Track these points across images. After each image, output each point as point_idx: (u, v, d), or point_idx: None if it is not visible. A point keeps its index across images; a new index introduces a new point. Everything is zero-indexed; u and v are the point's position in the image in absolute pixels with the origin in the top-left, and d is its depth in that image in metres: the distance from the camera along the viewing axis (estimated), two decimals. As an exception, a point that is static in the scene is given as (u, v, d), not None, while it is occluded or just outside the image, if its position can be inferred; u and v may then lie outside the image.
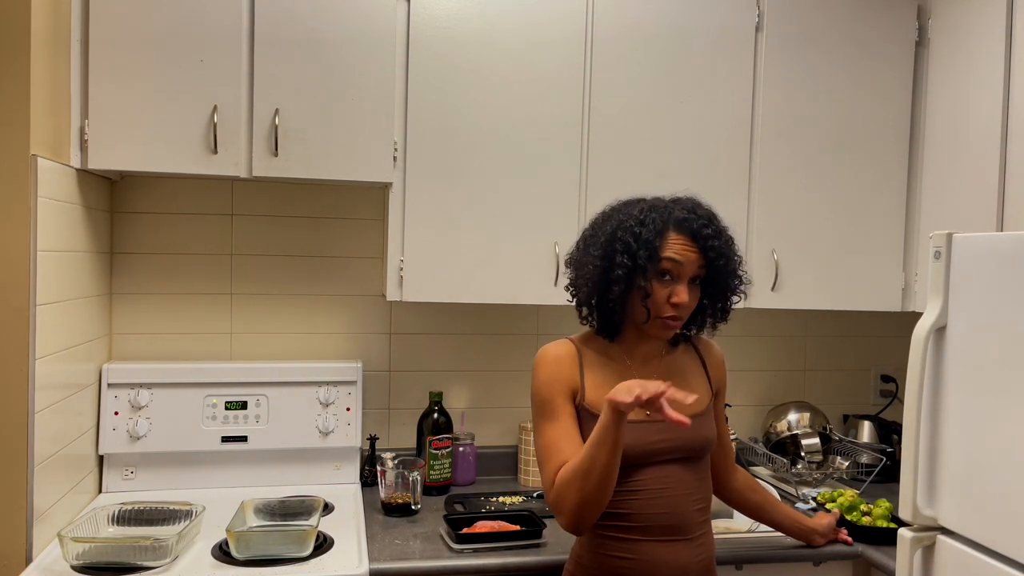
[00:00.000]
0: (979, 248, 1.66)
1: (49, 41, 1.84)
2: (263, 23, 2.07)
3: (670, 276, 1.56)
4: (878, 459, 2.51)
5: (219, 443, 2.30)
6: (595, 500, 1.48)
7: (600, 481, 1.46)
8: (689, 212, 1.58)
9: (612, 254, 1.56)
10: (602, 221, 1.63)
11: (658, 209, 1.58)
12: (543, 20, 2.23)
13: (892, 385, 2.88)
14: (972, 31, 2.23)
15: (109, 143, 2.01)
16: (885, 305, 2.48)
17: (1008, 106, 2.09)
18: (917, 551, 1.74)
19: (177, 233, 2.43)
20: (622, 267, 1.54)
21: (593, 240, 1.61)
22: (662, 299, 1.55)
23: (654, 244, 1.53)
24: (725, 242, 1.60)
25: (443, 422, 2.45)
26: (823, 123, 2.42)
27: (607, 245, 1.57)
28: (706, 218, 1.59)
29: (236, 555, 1.81)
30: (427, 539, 2.02)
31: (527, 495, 2.38)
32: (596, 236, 1.61)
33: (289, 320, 2.51)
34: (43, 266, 1.80)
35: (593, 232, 1.63)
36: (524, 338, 2.66)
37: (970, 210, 2.21)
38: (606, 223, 1.61)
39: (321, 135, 2.12)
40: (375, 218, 2.54)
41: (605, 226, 1.60)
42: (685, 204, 1.61)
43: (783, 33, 2.38)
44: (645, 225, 1.55)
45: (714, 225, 1.59)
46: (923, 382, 1.73)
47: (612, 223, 1.59)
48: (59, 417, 1.93)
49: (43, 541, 1.82)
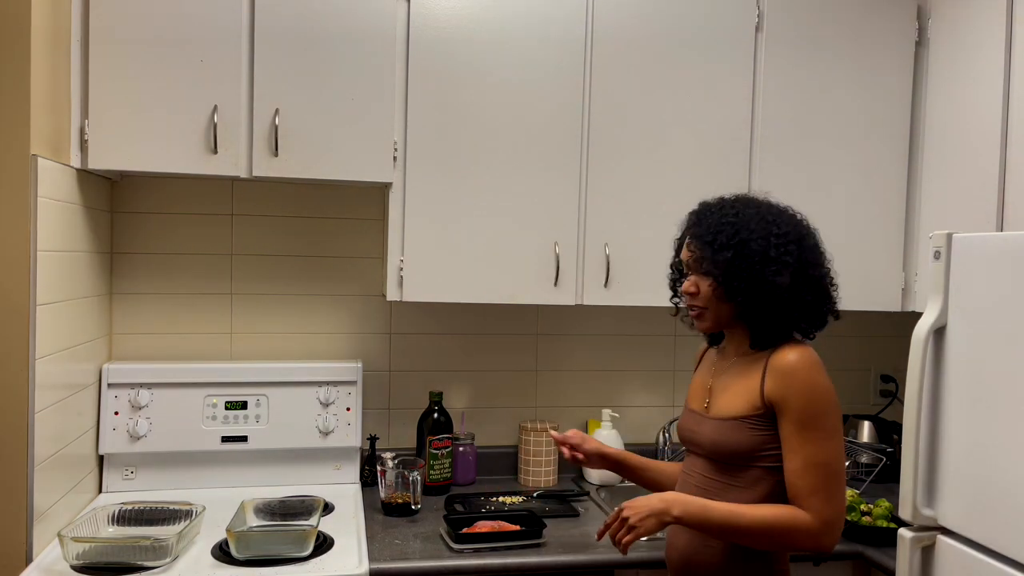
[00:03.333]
0: (979, 248, 1.66)
1: (49, 41, 1.84)
2: (263, 23, 2.07)
3: (687, 274, 1.67)
4: (878, 459, 2.51)
5: (219, 443, 2.30)
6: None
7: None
8: (700, 210, 1.67)
9: (672, 265, 1.76)
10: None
11: (689, 216, 1.70)
12: (543, 20, 2.24)
13: (892, 385, 2.88)
14: (972, 31, 2.23)
15: (109, 143, 2.01)
16: (885, 305, 2.48)
17: (1008, 106, 2.09)
18: (917, 551, 1.74)
19: (177, 233, 2.43)
20: (672, 275, 1.75)
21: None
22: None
23: (679, 253, 1.71)
24: (713, 228, 1.59)
25: (443, 422, 2.45)
26: (823, 123, 2.42)
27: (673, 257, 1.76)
28: (706, 212, 1.65)
29: (236, 555, 1.81)
30: (427, 539, 2.02)
31: (527, 495, 2.38)
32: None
33: (289, 320, 2.51)
34: (43, 266, 1.80)
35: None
36: (524, 338, 2.66)
37: (970, 210, 2.21)
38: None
39: (321, 135, 2.12)
40: (375, 218, 2.54)
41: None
42: (708, 205, 1.68)
43: (783, 33, 2.38)
44: (680, 232, 1.72)
45: (709, 217, 1.62)
46: (923, 382, 1.73)
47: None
48: (59, 417, 1.93)
49: (43, 541, 1.82)
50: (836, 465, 1.50)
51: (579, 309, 2.68)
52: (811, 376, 1.51)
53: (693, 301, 1.64)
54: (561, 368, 2.69)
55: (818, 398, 1.51)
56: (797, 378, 1.51)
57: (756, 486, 1.57)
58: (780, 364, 1.54)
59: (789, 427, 1.52)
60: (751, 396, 1.57)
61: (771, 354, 1.58)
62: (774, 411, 1.54)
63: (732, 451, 1.58)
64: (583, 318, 2.69)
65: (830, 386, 1.53)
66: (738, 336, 1.67)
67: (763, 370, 1.57)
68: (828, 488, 1.49)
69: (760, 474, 1.57)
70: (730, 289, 1.58)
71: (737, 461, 1.58)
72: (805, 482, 1.49)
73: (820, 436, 1.50)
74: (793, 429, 1.51)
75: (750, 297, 1.57)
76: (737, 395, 1.60)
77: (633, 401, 2.73)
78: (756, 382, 1.58)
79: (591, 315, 2.69)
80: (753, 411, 1.56)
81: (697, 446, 1.66)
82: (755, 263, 1.55)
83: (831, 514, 1.49)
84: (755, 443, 1.56)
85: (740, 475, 1.58)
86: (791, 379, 1.52)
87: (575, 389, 2.70)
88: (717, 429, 1.61)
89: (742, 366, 1.64)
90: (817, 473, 1.49)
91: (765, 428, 1.56)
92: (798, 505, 1.50)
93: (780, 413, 1.53)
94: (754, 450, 1.56)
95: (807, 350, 1.55)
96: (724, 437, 1.59)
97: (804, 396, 1.50)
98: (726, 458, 1.60)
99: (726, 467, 1.60)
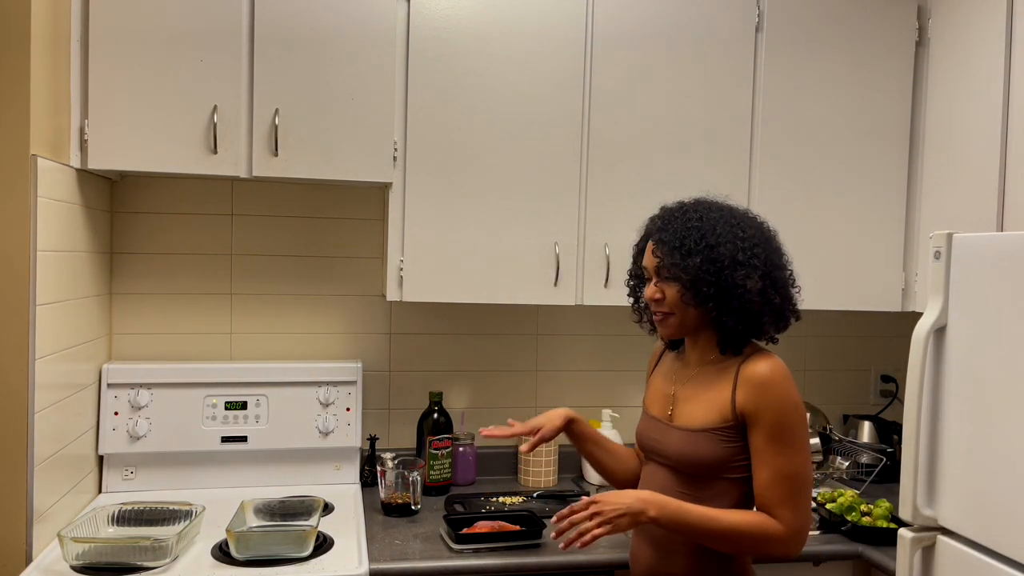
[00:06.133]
0: (979, 248, 1.66)
1: (49, 41, 1.84)
2: (263, 23, 2.07)
3: (649, 278, 1.65)
4: (878, 459, 2.51)
5: (219, 443, 2.30)
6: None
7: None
8: (661, 215, 1.66)
9: (631, 267, 1.75)
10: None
11: (650, 220, 1.69)
12: (543, 20, 2.24)
13: (892, 385, 2.88)
14: (972, 31, 2.23)
15: (109, 143, 2.01)
16: (885, 305, 2.48)
17: (1008, 106, 2.09)
18: (917, 551, 1.74)
19: (177, 233, 2.43)
20: (631, 281, 1.75)
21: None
22: (646, 298, 1.66)
23: (639, 258, 1.70)
24: (680, 233, 1.57)
25: (443, 422, 2.45)
26: (823, 123, 2.42)
27: (631, 263, 1.76)
28: (669, 217, 1.63)
29: (236, 555, 1.81)
30: (427, 539, 2.02)
31: (527, 495, 2.38)
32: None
33: (289, 320, 2.51)
34: (43, 266, 1.80)
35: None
36: (524, 338, 2.66)
37: (970, 210, 2.21)
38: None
39: (321, 135, 2.12)
40: (375, 218, 2.54)
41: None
42: (669, 209, 1.66)
43: (783, 33, 2.38)
44: (640, 238, 1.72)
45: (674, 222, 1.60)
46: (923, 382, 1.73)
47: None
48: (59, 417, 1.93)
49: (43, 541, 1.82)
50: (805, 476, 1.51)
51: (579, 309, 2.68)
52: (784, 389, 1.51)
53: (659, 307, 1.62)
54: (561, 368, 2.69)
55: (790, 411, 1.50)
56: (771, 391, 1.50)
57: (722, 497, 1.56)
58: (753, 376, 1.53)
59: (760, 439, 1.51)
60: (721, 407, 1.56)
61: (741, 364, 1.56)
62: (744, 423, 1.54)
63: (700, 463, 1.56)
64: (583, 318, 2.69)
65: (800, 398, 1.54)
66: (702, 342, 1.65)
67: (733, 381, 1.56)
68: (796, 499, 1.49)
69: (726, 486, 1.56)
70: (699, 294, 1.55)
71: (704, 472, 1.57)
72: (775, 493, 1.49)
73: (790, 449, 1.50)
74: (764, 441, 1.50)
75: (719, 301, 1.55)
76: (706, 405, 1.58)
77: (633, 401, 2.73)
78: (726, 393, 1.56)
79: (591, 315, 2.69)
80: (723, 423, 1.55)
81: (661, 456, 1.63)
82: (724, 267, 1.54)
83: (799, 524, 1.50)
84: (724, 455, 1.55)
85: (706, 486, 1.57)
86: (764, 391, 1.51)
87: (575, 389, 2.70)
88: (685, 440, 1.58)
89: (709, 375, 1.61)
90: (787, 485, 1.49)
91: (734, 440, 1.55)
92: (768, 515, 1.50)
93: (752, 425, 1.52)
94: (723, 462, 1.55)
95: (777, 361, 1.55)
96: (692, 448, 1.57)
97: (777, 409, 1.50)
98: (693, 469, 1.57)
99: (691, 478, 1.58)
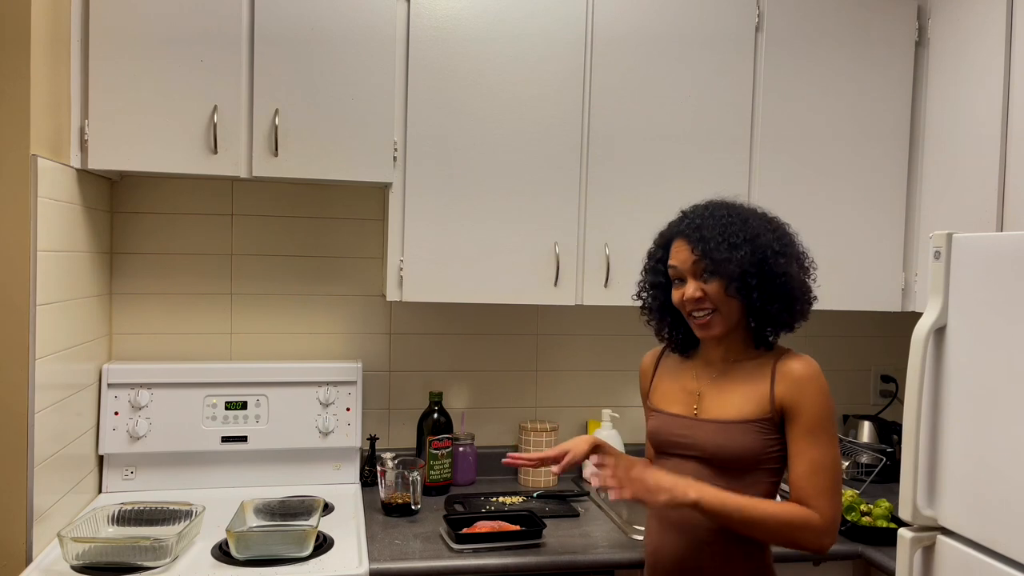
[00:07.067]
0: (979, 248, 1.65)
1: (49, 41, 1.84)
2: (263, 23, 2.07)
3: (679, 280, 1.65)
4: (878, 459, 2.51)
5: (219, 443, 2.30)
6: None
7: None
8: (686, 215, 1.68)
9: (644, 275, 1.76)
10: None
11: (671, 224, 1.70)
12: (544, 20, 2.23)
13: (892, 385, 2.88)
14: (972, 31, 2.23)
15: (109, 143, 2.01)
16: (885, 305, 2.48)
17: (1008, 106, 2.09)
18: (917, 551, 1.74)
19: (177, 233, 2.43)
20: (648, 286, 1.74)
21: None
22: (679, 301, 1.65)
23: (663, 258, 1.69)
24: (718, 228, 1.59)
25: (443, 422, 2.45)
26: (823, 123, 2.42)
27: (643, 268, 1.77)
28: (699, 216, 1.64)
29: (236, 555, 1.81)
30: (427, 539, 2.02)
31: (527, 495, 2.38)
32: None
33: (289, 320, 2.51)
34: (43, 266, 1.80)
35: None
36: (524, 338, 2.66)
37: (970, 210, 2.21)
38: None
39: (321, 135, 2.12)
40: (375, 218, 2.54)
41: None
42: (693, 210, 1.68)
43: (783, 33, 2.38)
44: (657, 244, 1.72)
45: (708, 219, 1.62)
46: (923, 382, 1.73)
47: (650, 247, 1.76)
48: (59, 417, 1.93)
49: (43, 541, 1.82)
50: (839, 469, 1.59)
51: (579, 309, 2.68)
52: (822, 384, 1.59)
53: (700, 306, 1.61)
54: (561, 368, 2.69)
55: (826, 404, 1.58)
56: (810, 385, 1.58)
57: (750, 489, 1.59)
58: (793, 371, 1.60)
59: (799, 431, 1.57)
60: (760, 400, 1.61)
61: (778, 360, 1.63)
62: (782, 416, 1.60)
63: (736, 453, 1.60)
64: (583, 318, 2.69)
65: (831, 396, 1.61)
66: (727, 341, 1.68)
67: (771, 376, 1.62)
68: (833, 490, 1.56)
69: (757, 478, 1.61)
70: (744, 286, 1.58)
71: (738, 463, 1.60)
72: (812, 484, 1.55)
73: (825, 440, 1.57)
74: (802, 433, 1.57)
75: (763, 291, 1.59)
76: (742, 398, 1.62)
77: (633, 401, 2.73)
78: (764, 387, 1.61)
79: (591, 315, 2.69)
80: (762, 415, 1.60)
81: (691, 449, 1.65)
82: (767, 257, 1.58)
83: (835, 515, 1.56)
84: (760, 446, 1.60)
85: (738, 477, 1.60)
86: (805, 385, 1.58)
87: (575, 389, 2.70)
88: (719, 431, 1.61)
89: (743, 371, 1.66)
90: (824, 476, 1.55)
91: (770, 432, 1.60)
92: (804, 506, 1.55)
93: (791, 417, 1.58)
94: (758, 453, 1.60)
95: (811, 359, 1.63)
96: (728, 439, 1.60)
97: (816, 403, 1.57)
98: (727, 461, 1.60)
99: (725, 470, 1.61)
